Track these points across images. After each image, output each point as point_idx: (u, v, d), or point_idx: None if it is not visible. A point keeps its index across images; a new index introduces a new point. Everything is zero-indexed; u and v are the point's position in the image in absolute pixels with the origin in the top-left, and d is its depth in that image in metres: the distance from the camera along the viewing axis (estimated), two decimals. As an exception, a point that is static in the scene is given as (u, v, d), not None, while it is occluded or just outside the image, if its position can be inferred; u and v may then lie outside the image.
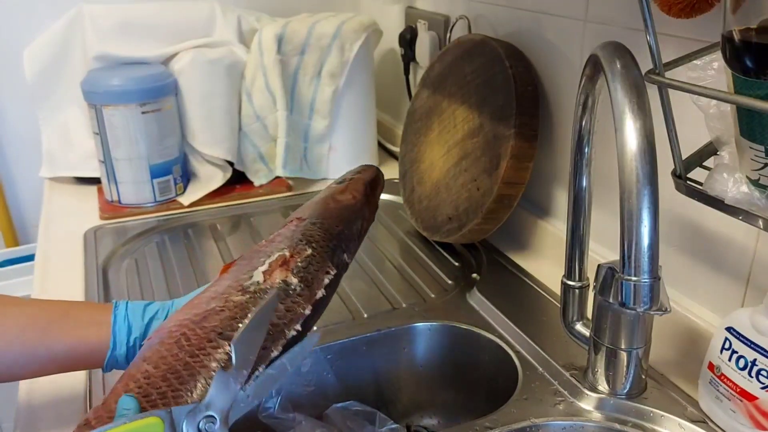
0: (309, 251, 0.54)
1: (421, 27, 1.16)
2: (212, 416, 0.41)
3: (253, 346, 0.45)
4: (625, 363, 0.59)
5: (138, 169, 1.07)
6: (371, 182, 0.67)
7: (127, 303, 0.56)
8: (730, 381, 0.54)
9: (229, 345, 0.45)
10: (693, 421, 0.57)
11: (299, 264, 0.52)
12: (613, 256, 0.72)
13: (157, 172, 1.09)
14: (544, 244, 0.88)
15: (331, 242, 0.56)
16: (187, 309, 0.49)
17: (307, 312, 0.51)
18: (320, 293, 0.52)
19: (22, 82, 1.18)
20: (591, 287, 0.62)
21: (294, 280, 0.51)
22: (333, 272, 0.54)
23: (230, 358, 0.43)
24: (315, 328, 0.54)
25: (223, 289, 0.50)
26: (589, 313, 0.62)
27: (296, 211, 0.61)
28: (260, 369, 0.46)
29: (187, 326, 0.47)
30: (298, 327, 0.49)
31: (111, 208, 1.09)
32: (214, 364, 0.44)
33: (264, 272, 0.51)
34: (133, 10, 1.16)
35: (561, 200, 0.86)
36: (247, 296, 0.49)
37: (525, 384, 0.65)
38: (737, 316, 0.54)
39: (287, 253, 0.53)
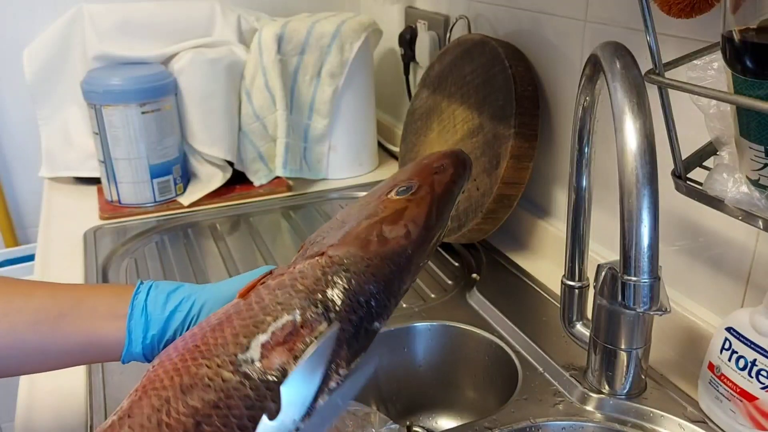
0: (323, 325, 0.42)
1: (421, 27, 1.16)
2: None
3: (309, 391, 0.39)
4: (625, 363, 0.59)
5: (138, 169, 1.07)
6: (441, 200, 0.50)
7: (150, 288, 0.50)
8: (730, 381, 0.54)
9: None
10: (693, 422, 0.57)
11: (307, 345, 0.41)
12: (613, 256, 0.72)
13: (156, 172, 1.08)
14: (544, 244, 0.88)
15: (355, 314, 0.43)
16: (189, 348, 0.43)
17: (295, 427, 0.39)
18: (320, 401, 0.41)
19: (21, 82, 1.18)
20: (591, 287, 0.62)
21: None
22: (343, 372, 0.42)
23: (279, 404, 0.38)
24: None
25: (223, 338, 0.42)
26: (589, 313, 0.62)
27: (332, 228, 0.50)
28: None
29: (173, 390, 0.40)
30: None
31: (111, 208, 1.09)
32: None
33: (263, 345, 0.41)
34: (133, 9, 1.16)
35: (561, 200, 0.86)
36: (236, 379, 0.40)
37: (525, 384, 0.65)
38: (737, 316, 0.54)
39: (299, 319, 0.42)
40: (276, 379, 0.40)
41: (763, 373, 0.51)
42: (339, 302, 0.43)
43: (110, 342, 0.49)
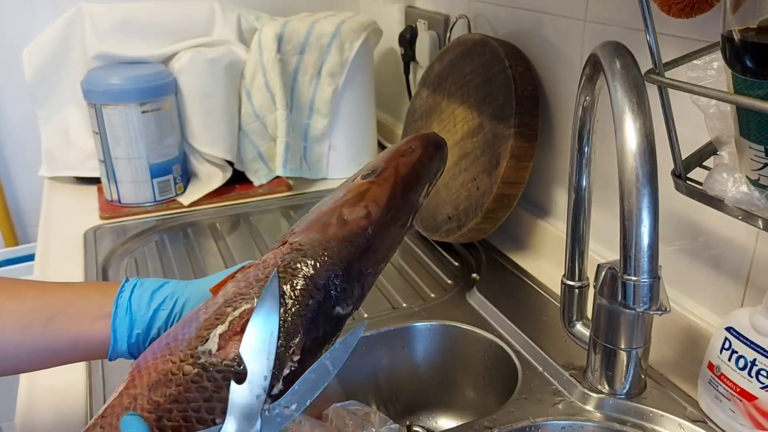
0: (280, 311, 0.41)
1: (421, 26, 1.16)
2: None
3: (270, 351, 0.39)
4: (625, 363, 0.59)
5: (138, 168, 1.07)
6: (406, 180, 0.49)
7: (134, 287, 0.51)
8: (730, 381, 0.54)
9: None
10: (692, 421, 0.57)
11: None
12: (613, 256, 0.72)
13: (156, 171, 1.08)
14: (544, 244, 0.88)
15: (313, 298, 0.42)
16: (161, 346, 0.43)
17: (262, 411, 0.38)
18: (277, 389, 0.40)
19: (21, 82, 1.18)
20: (591, 287, 0.62)
21: None
22: (297, 358, 0.40)
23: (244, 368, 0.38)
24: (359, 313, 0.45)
25: (190, 333, 0.42)
26: (589, 313, 0.63)
27: (302, 220, 0.50)
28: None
29: (141, 388, 0.41)
30: None
31: (111, 208, 1.09)
32: None
33: (221, 336, 0.41)
34: (133, 9, 1.16)
35: (561, 200, 0.86)
36: (195, 371, 0.40)
37: (524, 384, 0.65)
38: (737, 316, 0.54)
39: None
40: (233, 369, 0.40)
41: (762, 372, 0.51)
42: (297, 287, 0.43)
43: (97, 341, 0.50)
